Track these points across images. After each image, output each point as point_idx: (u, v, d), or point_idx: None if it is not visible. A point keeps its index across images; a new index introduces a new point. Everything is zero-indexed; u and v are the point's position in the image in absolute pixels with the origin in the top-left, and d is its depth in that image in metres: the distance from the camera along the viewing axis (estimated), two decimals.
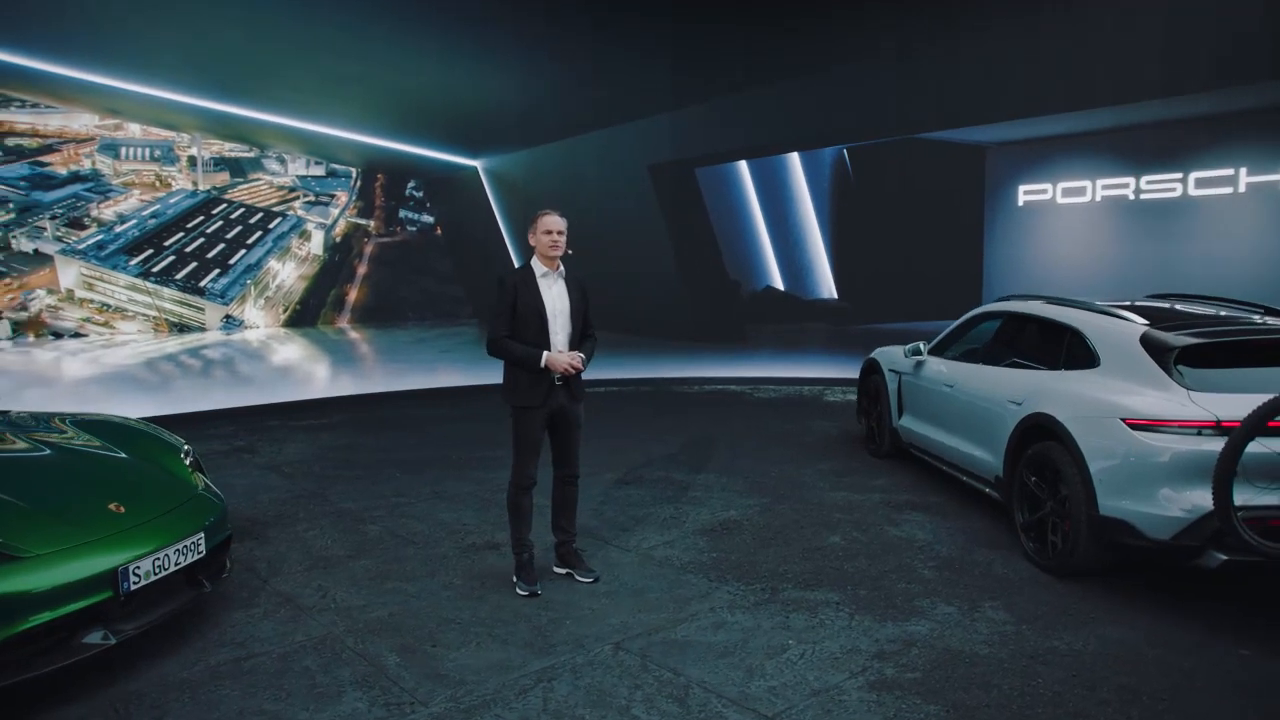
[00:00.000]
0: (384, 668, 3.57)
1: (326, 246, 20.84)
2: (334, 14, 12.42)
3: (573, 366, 4.24)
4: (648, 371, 11.84)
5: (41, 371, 13.32)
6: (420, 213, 22.20)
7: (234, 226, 19.45)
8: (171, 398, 10.39)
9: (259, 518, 5.62)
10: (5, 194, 16.60)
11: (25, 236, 16.80)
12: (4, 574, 3.17)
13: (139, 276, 18.10)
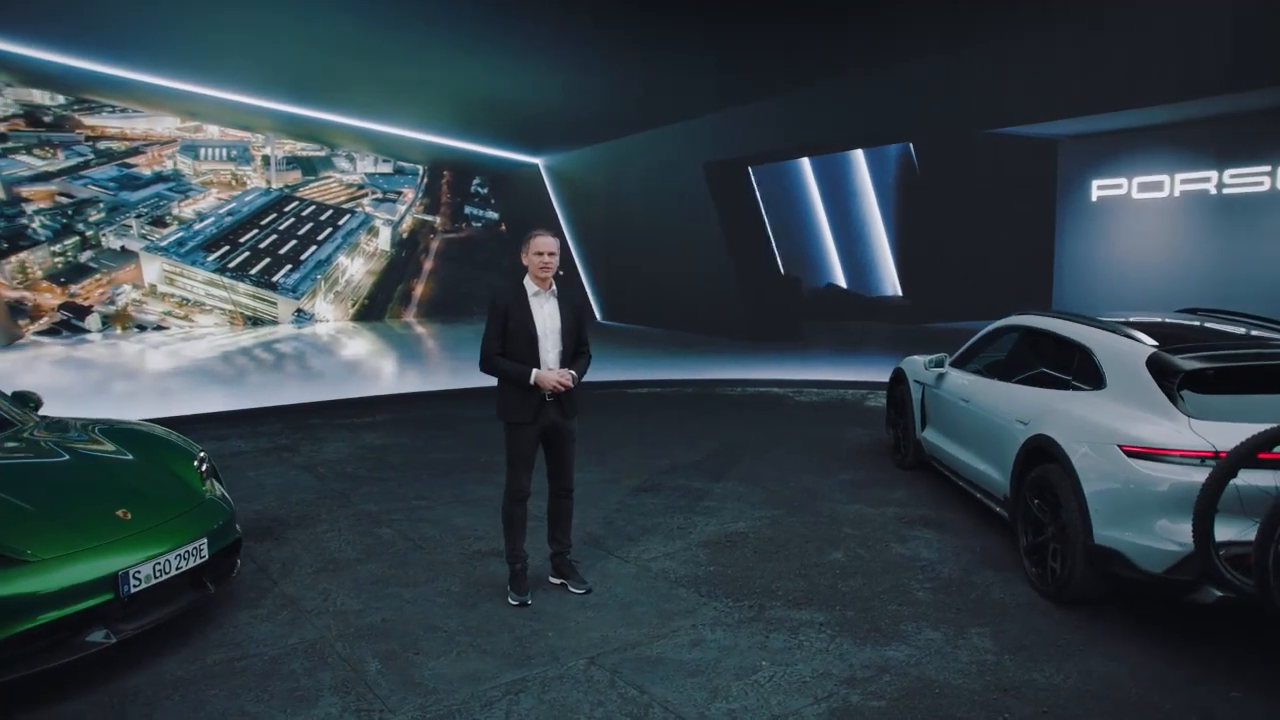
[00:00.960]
0: (364, 673, 3.72)
1: (394, 242, 21.38)
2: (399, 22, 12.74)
3: (561, 384, 4.33)
4: (695, 372, 11.86)
5: (125, 364, 14.05)
6: (485, 209, 22.59)
7: (305, 223, 20.11)
8: (232, 393, 10.84)
9: (284, 518, 5.87)
10: (96, 194, 17.51)
11: (113, 234, 17.70)
12: (9, 577, 3.41)
13: (216, 272, 18.89)
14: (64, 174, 17.09)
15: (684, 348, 14.52)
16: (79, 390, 11.31)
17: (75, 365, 13.79)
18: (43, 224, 16.93)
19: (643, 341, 15.79)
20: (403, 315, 21.54)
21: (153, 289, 18.20)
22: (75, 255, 17.22)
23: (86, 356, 14.83)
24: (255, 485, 6.67)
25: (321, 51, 14.32)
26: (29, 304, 16.85)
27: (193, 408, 9.55)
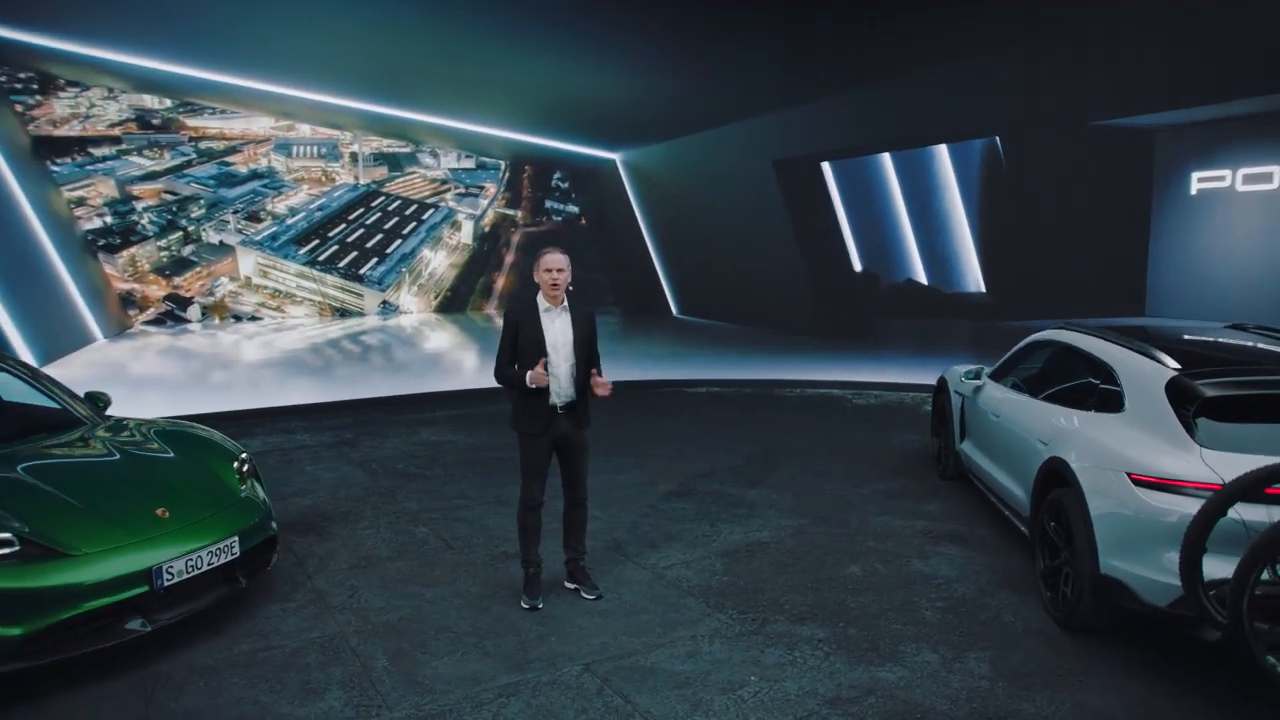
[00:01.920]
0: (371, 670, 3.95)
1: (476, 236, 21.89)
2: (481, 24, 13.10)
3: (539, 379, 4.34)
4: (758, 371, 11.85)
5: (221, 354, 14.86)
6: (565, 203, 22.89)
7: (391, 218, 20.79)
8: (312, 385, 11.38)
9: (331, 513, 6.20)
10: (198, 192, 18.51)
11: (213, 229, 18.68)
12: (56, 569, 3.76)
13: (307, 265, 19.74)
14: (169, 173, 18.13)
15: (751, 345, 14.49)
16: (179, 380, 12.05)
17: (177, 355, 14.67)
18: (150, 220, 18.01)
19: (712, 338, 15.83)
20: (484, 307, 22.06)
21: (248, 281, 19.14)
22: (178, 249, 18.26)
23: (187, 346, 15.74)
24: (311, 480, 7.05)
25: (407, 54, 14.82)
26: (138, 295, 17.97)
27: (272, 400, 10.08)
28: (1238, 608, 2.97)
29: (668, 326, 17.91)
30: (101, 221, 17.48)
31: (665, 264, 20.00)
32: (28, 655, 3.66)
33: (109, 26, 13.90)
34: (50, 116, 17.01)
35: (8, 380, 5.34)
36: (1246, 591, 2.95)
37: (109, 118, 17.47)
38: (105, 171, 17.44)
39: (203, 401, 10.06)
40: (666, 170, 18.34)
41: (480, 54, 14.50)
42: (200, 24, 13.79)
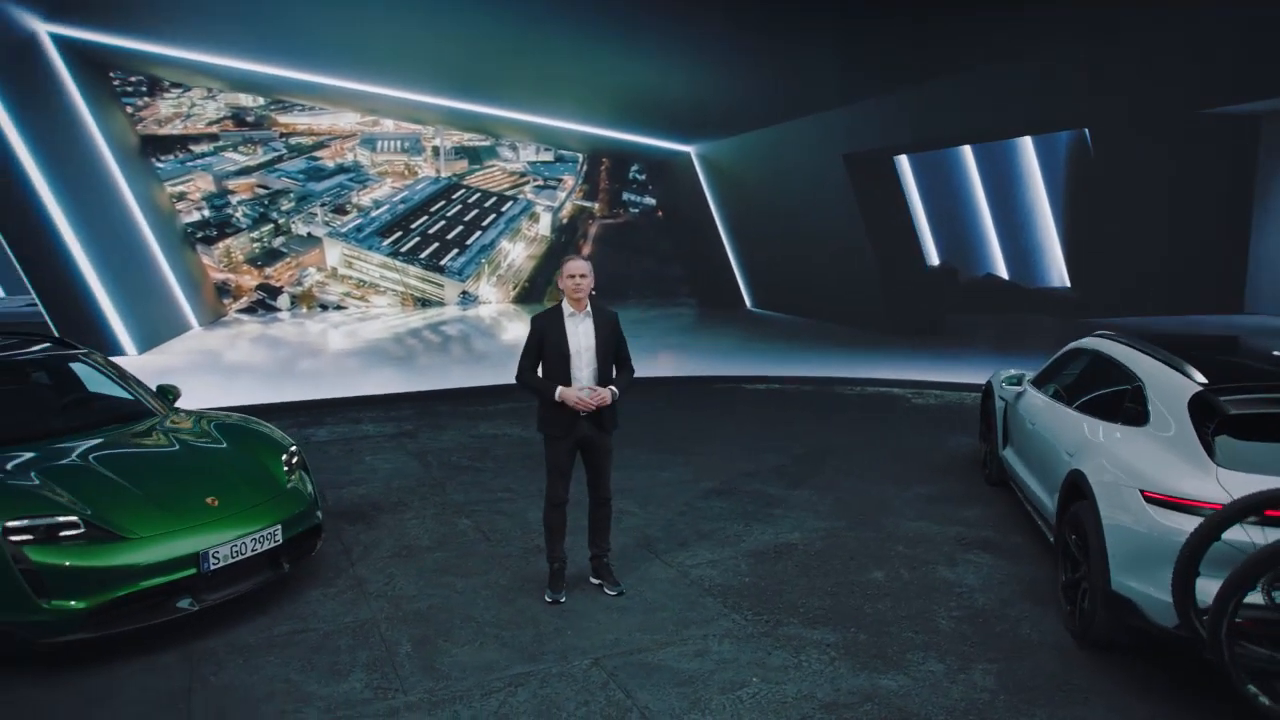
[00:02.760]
0: (395, 655, 4.20)
1: (554, 228, 22.27)
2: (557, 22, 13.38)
3: (584, 405, 4.58)
4: (821, 368, 11.79)
5: (309, 342, 15.57)
6: (642, 195, 23.07)
7: (471, 210, 21.34)
8: (382, 376, 11.85)
9: (381, 503, 6.52)
10: (287, 186, 19.36)
11: (301, 221, 19.52)
12: (114, 550, 4.12)
13: (390, 256, 20.43)
14: (262, 168, 19.01)
15: (819, 341, 14.41)
16: (263, 367, 12.72)
17: (264, 343, 15.43)
18: (244, 213, 18.93)
19: (781, 333, 15.79)
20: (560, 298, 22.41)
21: (334, 272, 19.94)
22: (269, 241, 19.16)
23: (275, 334, 16.53)
24: (369, 470, 7.41)
25: (486, 52, 15.22)
26: (232, 285, 18.92)
27: (349, 390, 10.56)
28: (1217, 633, 2.94)
29: (739, 321, 17.92)
30: (200, 215, 18.47)
31: (739, 257, 19.99)
32: (90, 627, 4.03)
33: (209, 32, 14.69)
34: (156, 116, 18.03)
35: (91, 374, 5.80)
36: (1226, 617, 2.91)
37: (208, 116, 18.42)
38: (204, 167, 18.42)
39: (281, 390, 10.61)
40: (739, 163, 18.32)
41: (557, 52, 14.79)
42: (291, 28, 14.46)
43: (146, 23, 14.25)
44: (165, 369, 12.05)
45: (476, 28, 13.94)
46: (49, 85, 13.76)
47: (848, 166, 14.20)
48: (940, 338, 14.47)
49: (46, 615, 3.97)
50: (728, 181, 19.08)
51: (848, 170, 14.21)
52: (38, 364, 5.70)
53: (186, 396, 6.21)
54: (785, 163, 16.21)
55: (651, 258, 23.23)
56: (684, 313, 19.75)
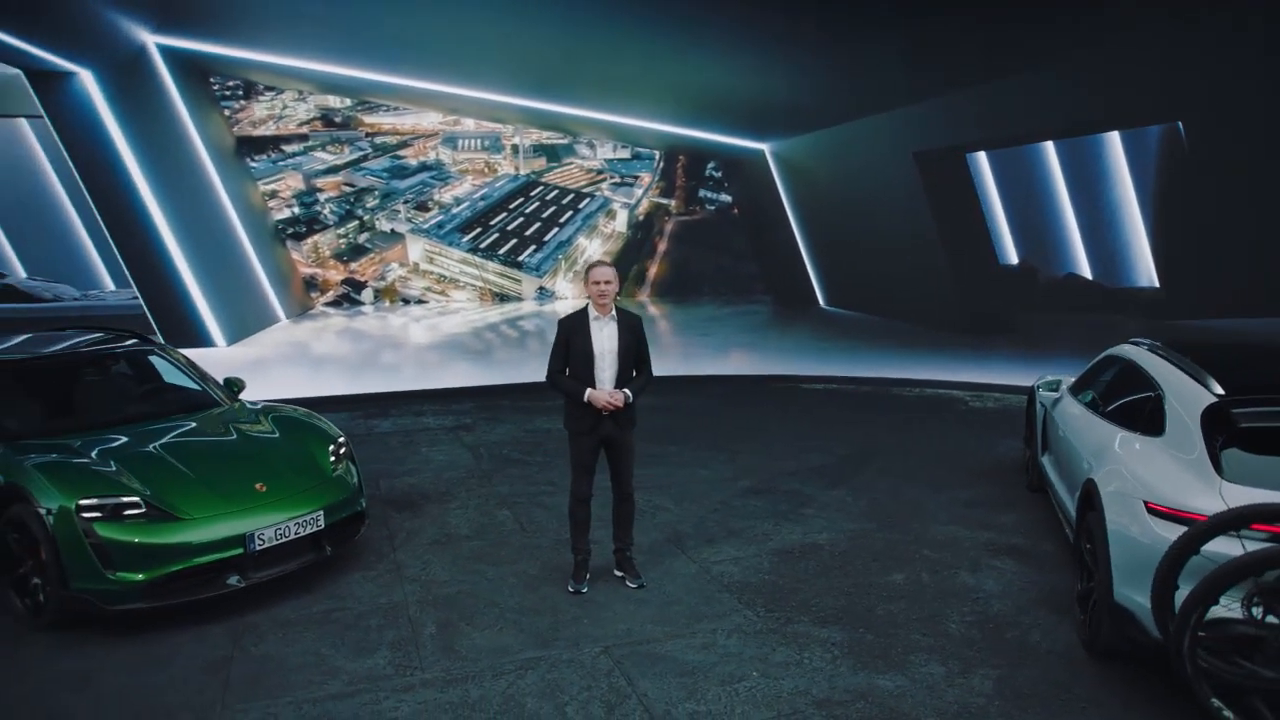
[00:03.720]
0: (419, 636, 4.48)
1: (630, 224, 22.55)
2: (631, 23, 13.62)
3: (611, 404, 4.80)
4: (882, 368, 11.73)
5: (391, 335, 16.22)
6: (719, 192, 23.14)
7: (549, 207, 21.78)
8: (455, 369, 12.30)
9: (430, 493, 6.85)
10: (372, 184, 20.12)
11: (385, 218, 20.27)
12: (171, 529, 4.52)
13: (470, 251, 21.03)
14: (348, 166, 19.81)
15: (886, 340, 14.29)
16: (341, 359, 13.34)
17: (346, 335, 16.13)
18: (331, 210, 19.76)
19: (849, 332, 15.70)
20: (637, 295, 22.70)
21: (416, 267, 20.64)
22: (355, 237, 19.96)
23: (358, 327, 17.25)
24: (423, 461, 7.77)
25: (563, 54, 15.58)
26: (319, 279, 19.78)
27: (418, 383, 11.03)
28: (1180, 645, 2.94)
29: (810, 319, 17.86)
30: (290, 212, 19.37)
31: (812, 255, 19.90)
32: (146, 598, 4.44)
33: (301, 39, 15.45)
34: (251, 118, 18.97)
35: (167, 367, 6.28)
36: (1189, 629, 2.92)
37: (299, 117, 19.29)
38: (294, 166, 19.30)
39: (354, 382, 11.14)
40: (811, 161, 18.24)
41: (633, 52, 15.04)
42: (377, 33, 15.08)
43: (245, 32, 15.06)
44: (248, 360, 12.77)
45: (553, 30, 14.30)
46: (155, 92, 14.68)
47: (918, 164, 14.03)
48: (1012, 338, 14.17)
49: (111, 585, 4.39)
50: (801, 179, 19.01)
51: (918, 167, 14.03)
52: (120, 357, 6.20)
53: (268, 386, 6.71)
54: (856, 160, 16.09)
55: (727, 255, 23.29)
56: (757, 310, 19.77)
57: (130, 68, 13.87)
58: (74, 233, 16.78)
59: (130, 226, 13.25)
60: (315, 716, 3.76)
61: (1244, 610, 3.05)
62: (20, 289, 17.10)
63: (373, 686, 4.00)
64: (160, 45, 14.89)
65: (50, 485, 4.50)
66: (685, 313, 19.52)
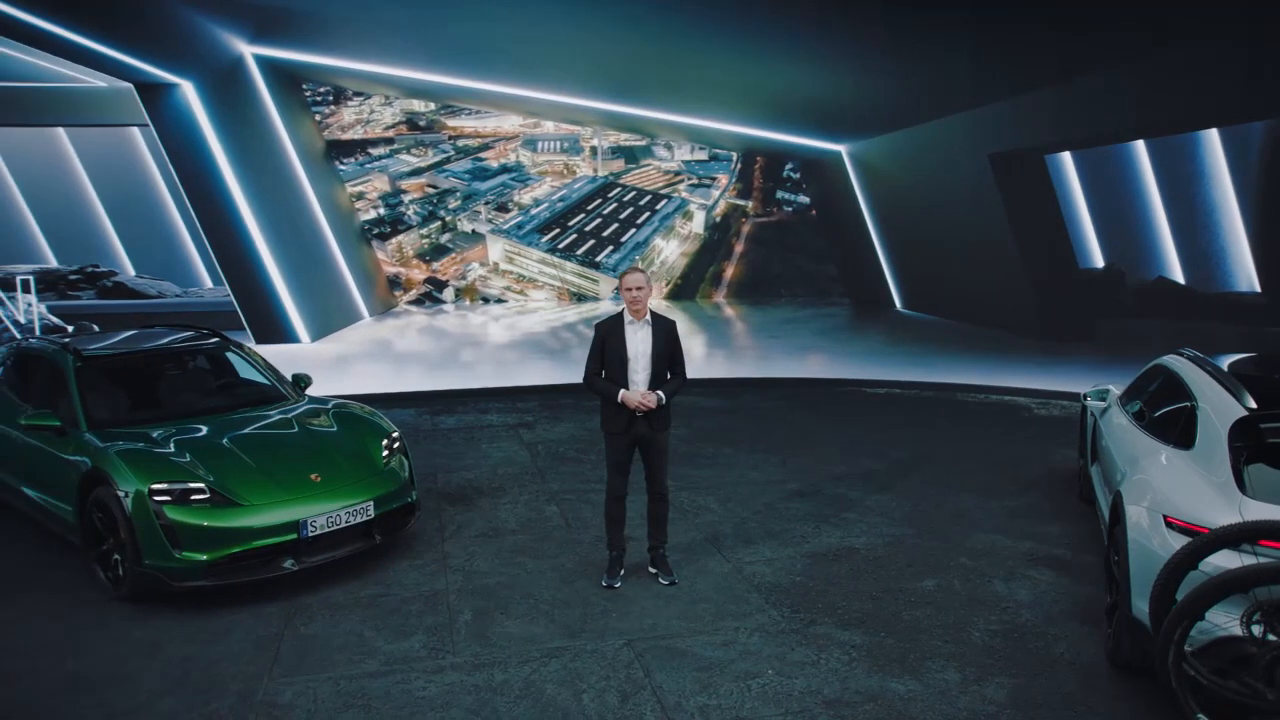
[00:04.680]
0: (455, 623, 4.73)
1: (707, 225, 22.64)
2: (710, 26, 13.76)
3: (643, 405, 4.96)
4: (949, 374, 11.58)
5: (471, 333, 16.73)
6: (797, 193, 23.03)
7: (626, 208, 22.04)
8: (527, 368, 12.64)
9: (484, 488, 7.13)
10: (455, 185, 20.73)
11: (466, 219, 20.86)
12: (232, 513, 4.88)
13: (548, 252, 21.46)
14: (431, 169, 20.45)
15: (959, 345, 14.06)
16: (417, 355, 13.85)
17: (425, 333, 16.70)
18: (415, 211, 20.45)
19: (922, 336, 15.48)
20: (713, 296, 22.79)
21: (495, 267, 21.17)
22: (437, 237, 20.60)
23: (437, 325, 17.83)
24: (482, 456, 8.07)
25: (641, 57, 15.82)
26: (402, 278, 20.49)
27: (489, 381, 11.40)
28: (1165, 660, 2.93)
29: (886, 322, 17.66)
30: (376, 213, 20.12)
31: (889, 258, 19.66)
32: (209, 576, 4.81)
33: (389, 47, 16.08)
34: (340, 123, 19.79)
35: (242, 363, 6.71)
36: (1173, 644, 2.91)
37: (385, 121, 20.02)
38: (380, 168, 20.04)
39: (428, 379, 11.58)
40: (888, 162, 18.03)
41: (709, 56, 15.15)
42: (460, 40, 15.58)
43: (335, 41, 15.74)
44: (328, 356, 13.38)
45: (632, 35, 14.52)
46: (250, 100, 15.48)
47: (994, 166, 13.75)
48: (1092, 345, 13.77)
49: (178, 563, 4.77)
50: (877, 180, 18.80)
51: (994, 170, 13.76)
52: (200, 354, 6.66)
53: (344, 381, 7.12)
54: (932, 162, 15.85)
55: (805, 256, 23.16)
56: (834, 313, 19.62)
57: (228, 78, 14.66)
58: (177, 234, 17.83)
59: (224, 229, 14.03)
60: (350, 692, 4.04)
61: (1244, 628, 3.02)
62: (129, 286, 18.27)
63: (405, 667, 4.26)
64: (256, 55, 15.69)
65: (128, 470, 4.92)
66: (761, 315, 19.51)
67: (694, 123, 20.00)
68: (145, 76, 12.90)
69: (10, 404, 6.19)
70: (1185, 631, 2.97)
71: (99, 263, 18.42)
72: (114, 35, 11.35)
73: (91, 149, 18.32)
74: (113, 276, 18.40)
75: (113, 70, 12.66)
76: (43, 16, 10.13)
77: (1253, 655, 2.96)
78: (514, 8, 13.11)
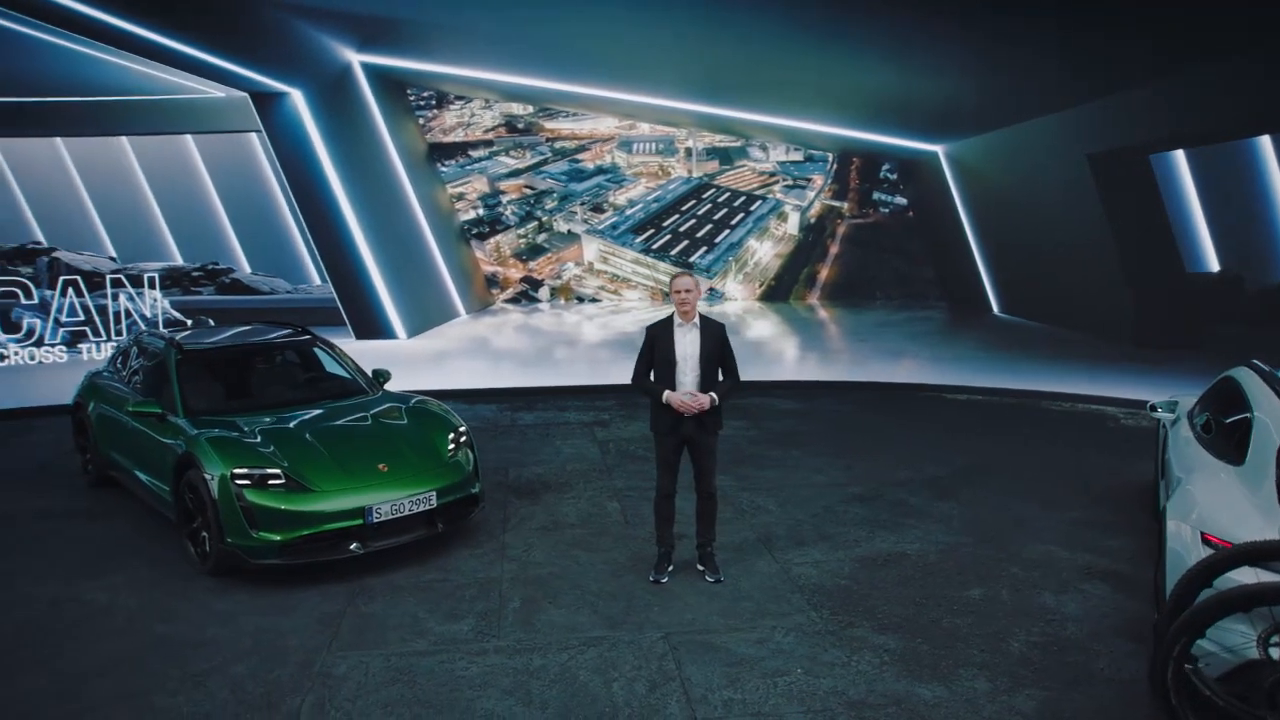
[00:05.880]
0: (504, 609, 4.98)
1: (801, 227, 22.49)
2: (805, 28, 13.76)
3: (686, 406, 5.10)
4: (1034, 381, 11.26)
5: (565, 331, 17.15)
6: (894, 195, 22.63)
7: (720, 209, 22.11)
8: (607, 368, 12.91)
9: (551, 483, 7.39)
10: (551, 186, 21.22)
11: (562, 220, 21.32)
12: (305, 498, 5.27)
13: (642, 252, 21.72)
14: (529, 170, 20.99)
15: (1051, 350, 13.62)
16: (509, 354, 14.31)
17: (517, 331, 17.19)
18: (513, 211, 21.03)
19: (1016, 341, 15.04)
20: (807, 297, 22.62)
21: (590, 266, 21.56)
22: (534, 237, 21.13)
23: (531, 323, 18.31)
24: (554, 453, 8.34)
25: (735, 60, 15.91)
26: (500, 277, 21.10)
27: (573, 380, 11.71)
28: (1164, 676, 2.89)
29: (981, 327, 17.22)
30: (475, 213, 20.79)
31: (986, 260, 19.13)
32: (282, 556, 5.20)
33: (490, 53, 16.64)
34: (442, 126, 20.53)
35: (327, 358, 7.16)
36: (1170, 663, 2.86)
37: (485, 124, 20.67)
38: (480, 170, 20.70)
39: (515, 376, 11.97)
40: (984, 163, 17.56)
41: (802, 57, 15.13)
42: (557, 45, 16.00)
43: (437, 48, 16.38)
44: (421, 352, 13.95)
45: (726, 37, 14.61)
46: (356, 106, 16.27)
47: (1092, 166, 13.26)
48: (1198, 353, 13.11)
49: (255, 542, 5.18)
50: (974, 181, 18.33)
51: (1092, 170, 13.27)
52: (289, 348, 7.14)
53: (435, 375, 7.56)
54: (1028, 163, 15.38)
55: (901, 258, 22.73)
56: (929, 317, 19.22)
57: (336, 85, 15.44)
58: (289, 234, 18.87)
59: (327, 230, 14.80)
60: (398, 668, 4.33)
61: (1260, 651, 2.96)
62: (244, 283, 19.45)
63: (452, 648, 4.53)
64: (364, 63, 16.46)
65: (214, 455, 5.36)
66: (854, 317, 19.28)
67: (788, 124, 19.92)
68: (258, 86, 13.74)
69: (125, 391, 6.80)
70: (1185, 648, 2.93)
71: (218, 260, 19.67)
72: (232, 50, 12.17)
73: (214, 155, 19.59)
74: (230, 274, 19.61)
75: (230, 81, 13.54)
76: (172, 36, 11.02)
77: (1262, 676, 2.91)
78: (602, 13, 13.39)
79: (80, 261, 17.44)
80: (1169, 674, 2.95)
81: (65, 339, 13.38)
